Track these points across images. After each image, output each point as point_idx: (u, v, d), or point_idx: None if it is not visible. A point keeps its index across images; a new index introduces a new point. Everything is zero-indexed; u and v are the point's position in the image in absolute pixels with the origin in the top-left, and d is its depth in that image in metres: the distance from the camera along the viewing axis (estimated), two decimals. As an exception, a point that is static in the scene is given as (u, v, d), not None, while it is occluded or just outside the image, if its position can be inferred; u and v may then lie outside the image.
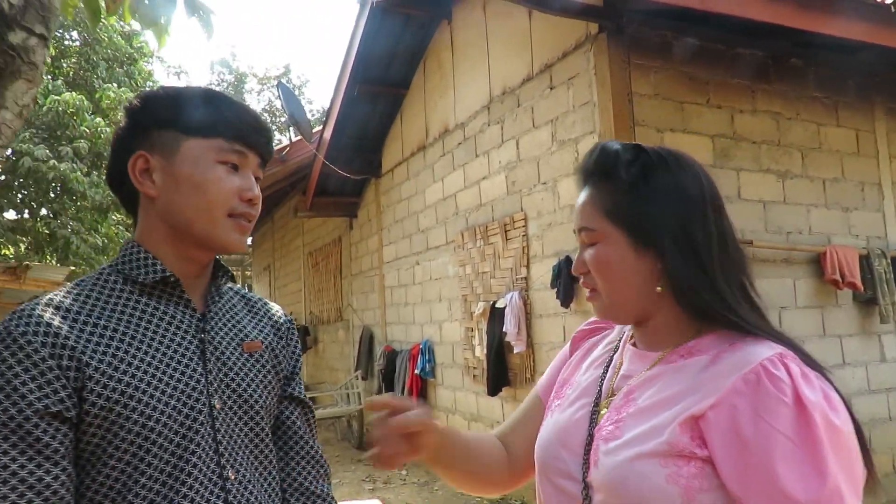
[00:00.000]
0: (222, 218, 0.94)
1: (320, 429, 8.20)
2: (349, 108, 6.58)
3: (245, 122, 0.97)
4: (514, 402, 4.77)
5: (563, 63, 4.19)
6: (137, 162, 0.93)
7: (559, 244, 4.23)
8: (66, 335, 0.84)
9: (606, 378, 0.96)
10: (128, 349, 0.89)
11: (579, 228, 0.92)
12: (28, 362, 0.81)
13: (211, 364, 0.96)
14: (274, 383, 1.07)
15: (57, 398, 0.82)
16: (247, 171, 0.97)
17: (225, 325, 1.02)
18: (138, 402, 0.87)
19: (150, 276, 0.94)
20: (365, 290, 7.80)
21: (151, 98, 0.97)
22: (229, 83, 21.54)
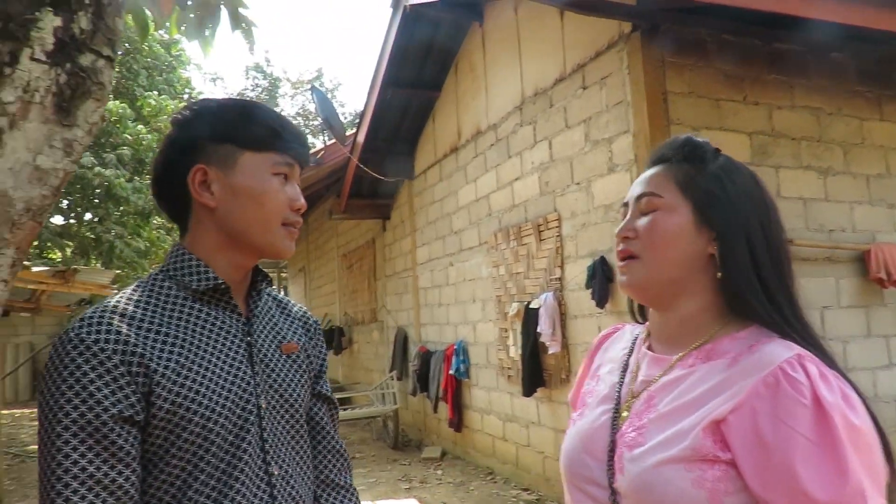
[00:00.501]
0: (277, 226, 1.00)
1: (356, 428, 8.31)
2: (382, 111, 6.66)
3: (293, 135, 1.02)
4: (549, 403, 4.78)
5: (595, 63, 4.18)
6: (197, 174, 0.98)
7: (593, 244, 4.22)
8: (134, 342, 0.89)
9: (624, 383, 0.98)
10: (188, 354, 0.94)
11: (642, 195, 0.94)
12: (102, 369, 0.86)
13: (257, 366, 1.02)
14: (307, 382, 1.13)
15: (128, 403, 0.87)
16: (294, 182, 1.03)
17: (265, 328, 1.08)
18: (199, 405, 0.92)
19: (202, 284, 0.99)
20: (399, 291, 7.87)
21: (204, 112, 1.01)
22: (263, 88, 21.92)
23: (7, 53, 0.84)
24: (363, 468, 6.27)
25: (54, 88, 0.89)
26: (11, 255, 0.89)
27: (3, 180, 0.85)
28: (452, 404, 6.18)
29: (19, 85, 0.85)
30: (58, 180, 0.92)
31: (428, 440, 7.11)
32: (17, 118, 0.85)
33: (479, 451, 5.99)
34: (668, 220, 0.91)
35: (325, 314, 11.16)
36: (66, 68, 0.90)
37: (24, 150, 0.87)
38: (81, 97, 0.92)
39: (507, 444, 5.45)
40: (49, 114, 0.89)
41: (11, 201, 0.86)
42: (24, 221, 0.89)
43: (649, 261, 0.92)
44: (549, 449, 4.81)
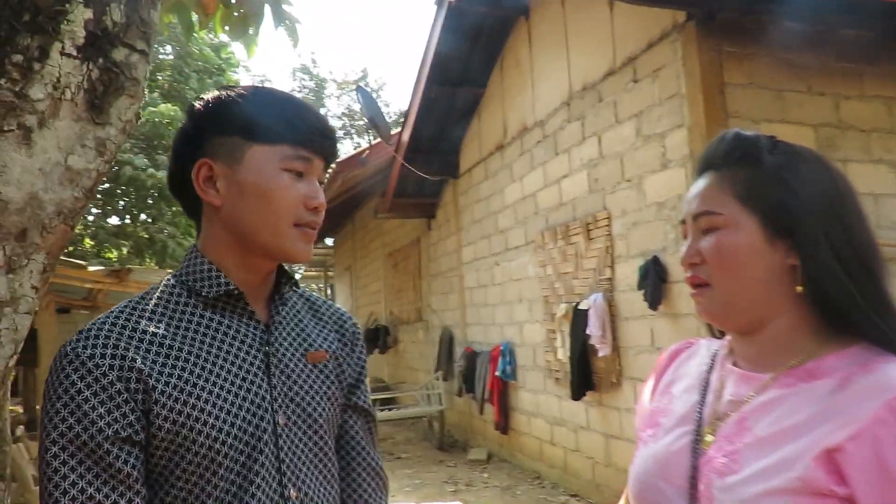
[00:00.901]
0: (288, 228, 0.90)
1: (402, 428, 8.30)
2: (427, 109, 6.61)
3: (310, 126, 0.92)
4: (599, 408, 4.64)
5: (647, 55, 4.02)
6: (201, 170, 0.90)
7: (646, 243, 4.06)
8: (132, 357, 0.83)
9: (706, 403, 0.87)
10: (193, 368, 0.87)
11: (697, 213, 0.84)
12: (97, 386, 0.80)
13: (275, 378, 0.94)
14: (338, 394, 1.03)
15: (126, 422, 0.81)
16: (312, 178, 0.93)
17: (289, 336, 0.99)
18: (204, 424, 0.85)
19: (213, 290, 0.91)
20: (444, 290, 7.81)
21: (214, 102, 0.92)
22: (310, 89, 22.22)
23: (36, 48, 0.80)
24: (408, 469, 6.23)
25: (86, 84, 0.85)
26: (42, 260, 0.85)
27: (33, 182, 0.81)
28: (499, 406, 6.09)
29: (49, 81, 0.81)
30: (90, 181, 0.87)
31: (474, 442, 7.04)
32: (46, 116, 0.81)
33: (526, 454, 5.88)
34: (734, 239, 0.80)
35: (371, 313, 11.21)
36: (99, 63, 0.85)
37: (55, 149, 0.83)
38: (115, 93, 0.88)
39: (556, 448, 5.33)
40: (81, 111, 0.85)
41: (42, 204, 0.83)
42: (55, 225, 0.85)
43: (723, 287, 0.81)
44: (598, 454, 4.67)
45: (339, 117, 22.96)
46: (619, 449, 4.41)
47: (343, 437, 1.07)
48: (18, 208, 0.80)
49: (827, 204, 0.78)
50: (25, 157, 0.80)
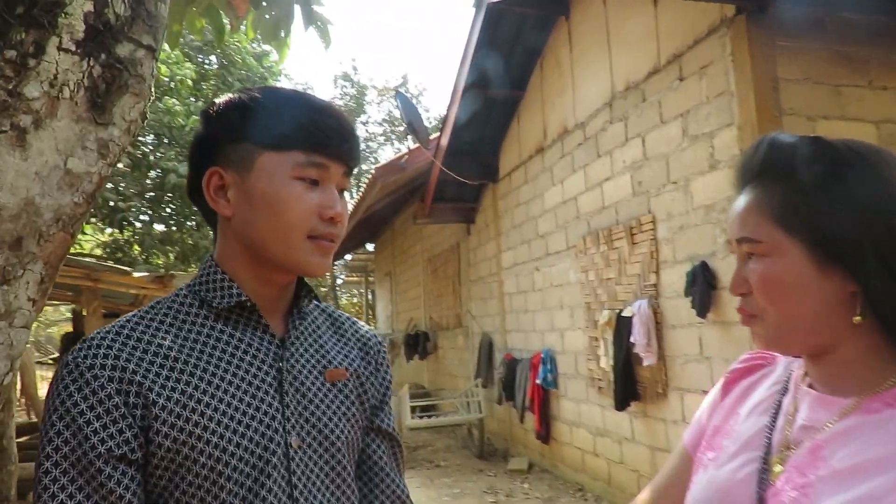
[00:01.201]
0: (300, 240, 0.84)
1: (442, 436, 8.21)
2: (465, 113, 6.53)
3: (326, 130, 0.85)
4: (644, 419, 4.47)
5: (693, 51, 3.86)
6: (212, 178, 0.85)
7: (693, 248, 3.89)
8: (133, 369, 0.78)
9: (777, 428, 0.76)
10: (198, 383, 0.81)
11: (738, 239, 0.74)
12: (94, 399, 0.75)
13: (289, 397, 0.87)
14: (359, 415, 0.95)
15: (122, 439, 0.75)
16: (328, 185, 0.86)
17: (306, 352, 0.93)
18: (206, 443, 0.78)
19: (224, 301, 0.85)
20: (484, 296, 7.71)
21: (226, 106, 0.87)
22: (351, 96, 22.43)
23: (31, 43, 0.75)
24: (448, 477, 6.14)
25: (86, 82, 0.79)
26: (39, 270, 0.79)
27: (29, 186, 0.76)
28: (539, 415, 5.95)
29: (45, 78, 0.75)
30: (92, 185, 0.82)
31: (514, 451, 6.90)
32: (43, 116, 0.76)
33: (568, 465, 5.72)
34: (779, 269, 0.70)
35: (411, 318, 11.18)
36: (101, 59, 0.80)
37: (53, 151, 0.78)
38: (118, 92, 0.82)
39: (599, 459, 5.16)
40: (81, 111, 0.79)
41: (38, 210, 0.77)
42: (53, 233, 0.80)
43: (774, 320, 0.71)
44: (644, 468, 4.50)
45: (379, 123, 23.13)
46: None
47: (365, 463, 0.99)
48: (12, 215, 0.75)
49: (881, 219, 0.66)
50: (20, 159, 0.75)
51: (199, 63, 12.63)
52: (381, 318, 15.26)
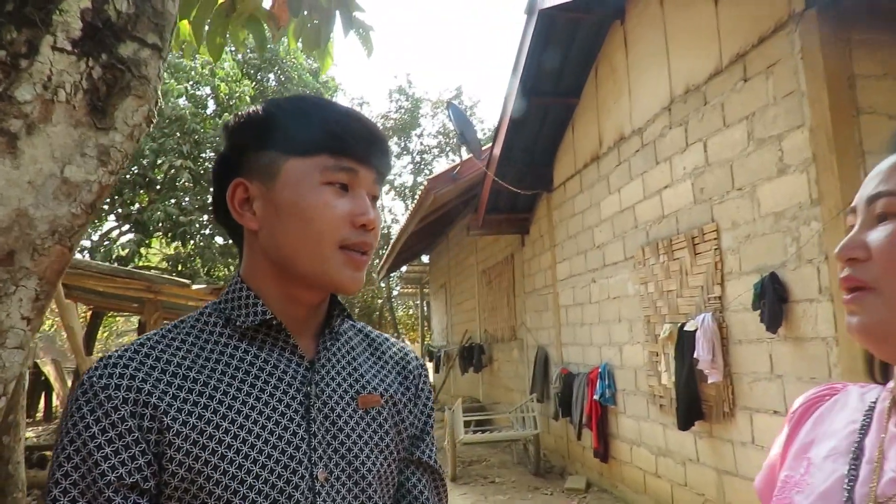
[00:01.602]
0: (332, 251, 0.77)
1: (497, 451, 8.04)
2: (518, 123, 6.42)
3: (353, 132, 0.79)
4: (709, 439, 4.21)
5: (759, 50, 3.64)
6: (237, 191, 0.80)
7: (761, 258, 3.65)
8: (149, 390, 0.72)
9: (859, 479, 0.63)
10: (217, 407, 0.74)
11: (874, 195, 0.62)
12: (106, 421, 0.70)
13: (316, 424, 0.79)
14: (393, 446, 0.87)
15: (135, 466, 0.69)
16: (359, 191, 0.79)
17: (338, 375, 0.85)
18: (223, 474, 0.72)
19: (249, 320, 0.79)
20: (539, 308, 7.54)
21: (248, 116, 0.82)
22: (406, 109, 22.64)
23: (24, 43, 0.70)
24: (502, 495, 5.99)
25: (85, 84, 0.74)
26: (34, 286, 0.74)
27: (21, 196, 0.71)
28: (597, 432, 5.72)
29: (38, 80, 0.70)
30: (92, 195, 0.76)
31: (571, 468, 6.68)
32: (36, 121, 0.71)
33: (628, 485, 5.47)
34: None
35: (466, 331, 11.08)
36: (101, 60, 0.74)
37: (48, 159, 0.73)
38: (120, 94, 0.76)
39: (661, 480, 4.91)
40: (80, 115, 0.74)
41: (32, 222, 0.72)
42: (48, 246, 0.74)
43: (892, 294, 0.58)
44: (710, 491, 4.23)
45: (433, 136, 23.23)
46: (734, 487, 3.96)
47: (405, 498, 0.89)
48: (3, 227, 0.70)
49: None
50: (11, 167, 0.70)
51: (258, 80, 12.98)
52: (436, 330, 15.22)
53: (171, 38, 0.81)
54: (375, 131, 0.83)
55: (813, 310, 3.24)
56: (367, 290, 20.88)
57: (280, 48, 13.24)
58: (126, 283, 6.27)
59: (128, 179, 11.38)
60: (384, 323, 21.51)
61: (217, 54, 2.14)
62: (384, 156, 0.83)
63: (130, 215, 11.37)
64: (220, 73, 12.06)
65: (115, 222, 12.63)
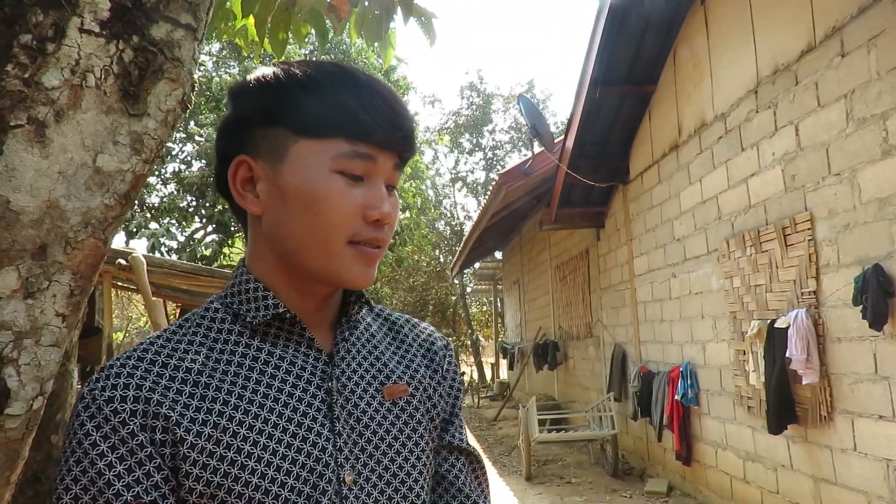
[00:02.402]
0: (340, 246, 0.70)
1: (573, 450, 7.85)
2: (591, 113, 6.21)
3: (375, 114, 0.70)
4: (804, 444, 3.91)
5: (858, 22, 3.32)
6: (239, 169, 0.72)
7: (862, 249, 3.34)
8: (159, 400, 0.66)
9: None
10: (233, 413, 0.68)
11: None
12: (115, 438, 0.64)
13: (341, 423, 0.73)
14: (428, 436, 0.79)
15: (151, 484, 0.63)
16: (376, 181, 0.71)
17: (360, 367, 0.78)
18: (245, 486, 0.66)
19: (259, 314, 0.73)
20: (615, 304, 7.29)
21: (257, 82, 0.73)
22: (478, 106, 22.55)
23: (50, 26, 0.67)
24: (578, 496, 5.82)
25: (116, 68, 0.70)
26: (68, 281, 0.71)
27: (52, 187, 0.68)
28: (679, 434, 5.46)
29: (66, 65, 0.67)
30: (126, 185, 0.73)
31: (652, 471, 6.41)
32: (65, 108, 0.68)
33: (713, 490, 5.19)
34: None
35: (540, 327, 10.91)
36: (132, 42, 0.70)
37: (79, 147, 0.69)
38: (152, 78, 0.72)
39: (750, 487, 4.61)
40: (111, 101, 0.70)
41: (64, 214, 0.69)
42: (81, 239, 0.71)
43: None
44: (805, 500, 3.93)
45: (506, 131, 23.04)
46: (834, 497, 3.66)
47: (440, 485, 0.82)
48: (34, 220, 0.68)
49: None
50: (40, 157, 0.67)
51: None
52: (509, 326, 15.08)
53: (206, 17, 0.77)
54: (400, 111, 0.74)
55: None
56: (440, 287, 20.97)
57: (352, 49, 13.44)
58: (208, 282, 6.50)
59: (210, 182, 11.87)
60: (458, 319, 21.54)
61: (280, 50, 2.13)
62: (407, 140, 0.74)
63: (213, 216, 11.85)
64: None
65: (200, 223, 13.22)
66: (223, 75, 12.73)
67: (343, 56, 13.10)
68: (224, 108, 12.27)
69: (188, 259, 10.92)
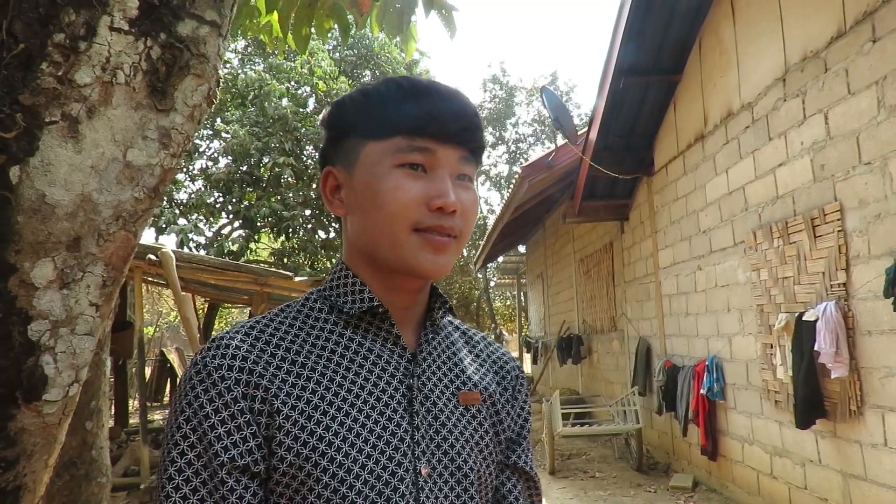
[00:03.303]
0: (406, 234, 0.74)
1: (597, 444, 7.83)
2: (615, 104, 6.15)
3: (432, 110, 0.75)
4: (833, 440, 3.85)
5: (891, 6, 3.24)
6: (328, 179, 0.81)
7: (894, 240, 3.27)
8: (260, 372, 0.72)
9: None
10: (325, 393, 0.73)
11: None
12: (219, 402, 0.70)
13: (419, 418, 0.77)
14: (492, 447, 0.83)
15: (246, 448, 0.69)
16: (439, 172, 0.75)
17: (439, 369, 0.82)
18: (331, 462, 0.70)
19: (356, 306, 0.78)
20: (640, 298, 7.23)
21: (338, 104, 0.82)
22: (500, 99, 22.46)
23: (82, 25, 0.69)
24: (603, 490, 5.80)
25: (144, 65, 0.72)
26: (101, 272, 0.74)
27: (85, 181, 0.70)
28: (705, 428, 5.40)
29: (97, 62, 0.69)
30: (154, 179, 0.75)
31: (677, 466, 6.36)
32: (97, 104, 0.70)
33: (739, 485, 5.13)
34: None
35: (563, 321, 10.86)
36: (160, 39, 0.72)
37: (110, 142, 0.72)
38: (179, 74, 0.74)
39: (777, 482, 4.56)
40: (140, 97, 0.72)
41: (97, 207, 0.71)
42: (113, 231, 0.73)
43: None
44: (835, 496, 3.87)
45: (529, 124, 22.91)
46: (864, 493, 3.60)
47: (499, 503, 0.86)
48: (68, 213, 0.70)
49: None
50: (73, 152, 0.70)
51: (354, 77, 13.29)
52: (533, 320, 15.04)
53: (230, 14, 0.78)
54: (458, 106, 0.78)
55: (959, 297, 2.86)
56: (464, 281, 20.99)
57: (375, 44, 13.48)
58: (236, 277, 6.61)
59: (236, 178, 12.02)
60: (482, 314, 21.54)
61: (303, 46, 2.15)
62: (468, 132, 0.78)
63: (240, 212, 12.01)
64: (318, 72, 12.45)
65: (227, 219, 13.41)
66: (248, 72, 12.86)
67: (366, 51, 13.15)
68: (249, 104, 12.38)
69: (215, 254, 11.09)
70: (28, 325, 0.71)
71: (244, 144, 11.34)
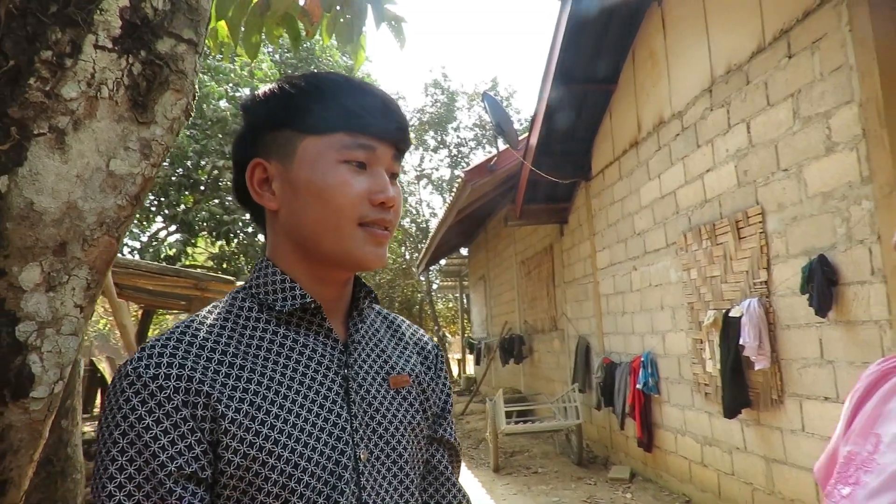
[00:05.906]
0: (351, 229, 0.77)
1: (539, 441, 8.02)
2: (554, 111, 6.36)
3: (370, 109, 0.79)
4: (757, 427, 4.12)
5: (804, 25, 3.52)
6: (255, 171, 0.80)
7: (809, 241, 3.54)
8: (200, 378, 0.72)
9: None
10: (266, 393, 0.75)
11: None
12: (160, 412, 0.69)
13: (356, 406, 0.81)
14: (423, 425, 0.89)
15: (192, 455, 0.69)
16: (377, 169, 0.80)
17: (369, 357, 0.87)
18: (278, 459, 0.73)
19: (287, 304, 0.80)
20: (579, 298, 7.47)
21: (264, 95, 0.82)
22: (442, 103, 22.62)
23: (68, 43, 0.73)
24: (545, 485, 5.97)
25: (126, 80, 0.77)
26: (85, 276, 0.78)
27: (71, 190, 0.74)
28: (641, 421, 5.65)
29: (83, 78, 0.73)
30: (136, 187, 0.79)
31: (615, 458, 6.62)
32: (82, 117, 0.74)
33: (673, 474, 5.40)
34: None
35: (505, 322, 11.06)
36: (140, 56, 0.77)
37: (94, 153, 0.76)
38: (159, 89, 0.79)
39: (707, 470, 4.82)
40: (122, 110, 0.77)
41: (81, 214, 0.75)
42: (97, 237, 0.77)
43: None
44: (758, 480, 4.14)
45: (470, 128, 23.16)
46: (784, 476, 3.87)
47: (430, 474, 0.93)
48: (55, 219, 0.74)
49: None
50: (60, 162, 0.73)
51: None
52: (475, 322, 15.23)
53: (205, 32, 0.83)
54: (393, 107, 0.83)
55: (865, 292, 3.13)
56: (406, 285, 21.00)
57: (316, 47, 13.38)
58: (174, 282, 6.45)
59: (173, 181, 11.70)
60: (424, 316, 21.62)
61: (254, 53, 2.18)
62: (403, 132, 0.83)
63: (177, 216, 11.70)
64: (258, 74, 12.27)
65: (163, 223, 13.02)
66: (184, 72, 12.50)
67: (307, 54, 13.05)
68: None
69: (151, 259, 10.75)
70: (16, 325, 0.74)
71: (182, 147, 11.06)
